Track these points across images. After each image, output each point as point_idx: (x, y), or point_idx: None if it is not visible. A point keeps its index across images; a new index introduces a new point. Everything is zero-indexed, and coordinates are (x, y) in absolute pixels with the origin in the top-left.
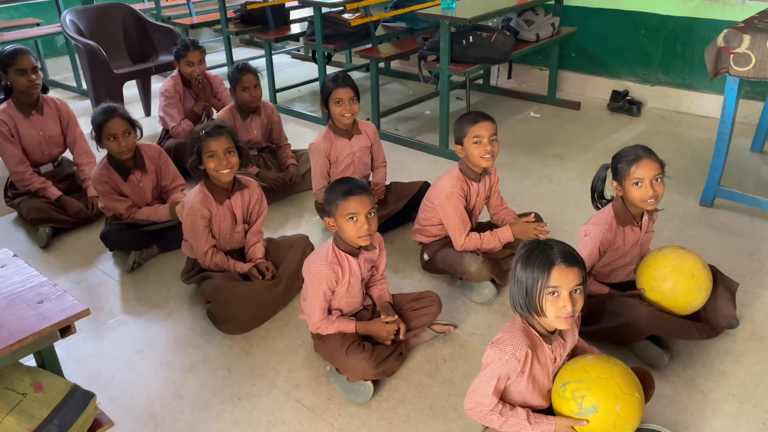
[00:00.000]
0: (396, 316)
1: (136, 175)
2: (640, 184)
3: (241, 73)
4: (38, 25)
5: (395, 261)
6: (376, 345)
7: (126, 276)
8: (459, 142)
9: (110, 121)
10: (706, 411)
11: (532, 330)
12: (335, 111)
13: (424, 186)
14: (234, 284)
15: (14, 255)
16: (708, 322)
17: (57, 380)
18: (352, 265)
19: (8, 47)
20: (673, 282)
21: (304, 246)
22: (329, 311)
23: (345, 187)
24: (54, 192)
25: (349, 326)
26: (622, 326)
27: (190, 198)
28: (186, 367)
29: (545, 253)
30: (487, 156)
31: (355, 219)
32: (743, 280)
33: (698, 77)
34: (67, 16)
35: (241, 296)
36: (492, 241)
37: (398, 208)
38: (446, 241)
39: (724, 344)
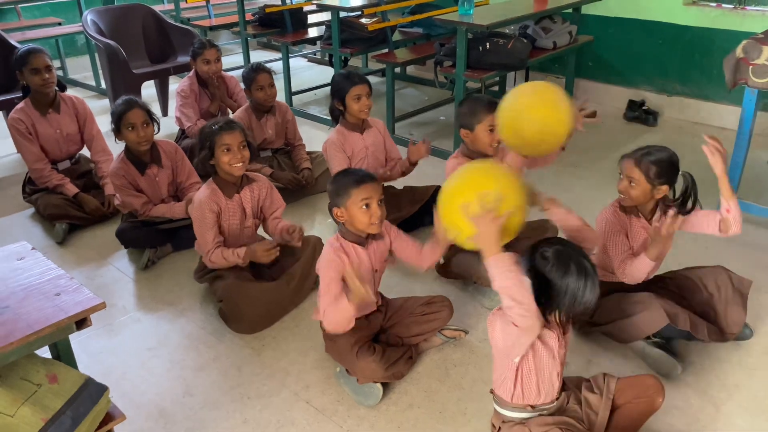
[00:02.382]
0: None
1: (152, 170)
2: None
3: (256, 72)
4: (60, 24)
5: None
6: (387, 347)
7: (140, 273)
8: (469, 126)
9: (130, 111)
10: (717, 424)
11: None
12: (354, 107)
13: (438, 189)
14: (245, 284)
15: (33, 248)
16: (719, 327)
17: (71, 372)
18: (360, 254)
19: (23, 47)
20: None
21: (316, 246)
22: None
23: (355, 176)
24: (71, 189)
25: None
26: (633, 320)
27: (198, 194)
28: (197, 365)
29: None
30: (495, 145)
31: (368, 205)
32: (759, 293)
33: (716, 88)
34: (89, 16)
35: (252, 296)
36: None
37: (412, 212)
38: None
39: (738, 356)
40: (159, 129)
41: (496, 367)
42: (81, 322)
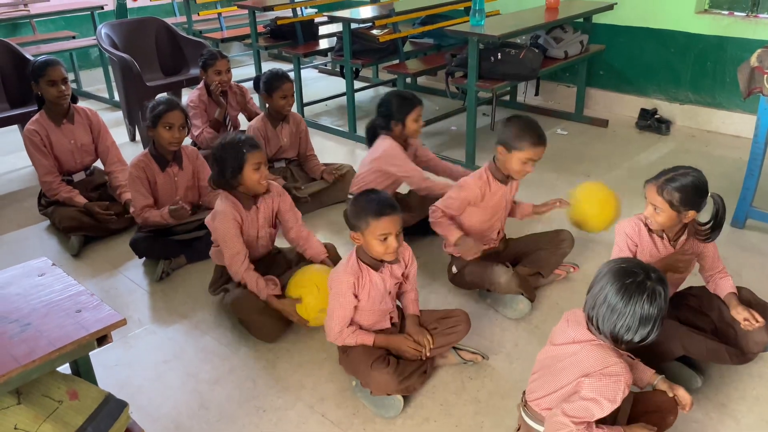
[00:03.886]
0: (426, 336)
1: (173, 169)
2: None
3: (281, 81)
4: (74, 37)
5: (421, 275)
6: (401, 361)
7: (154, 285)
8: (508, 147)
9: (171, 112)
10: None
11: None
12: (413, 127)
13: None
14: (252, 295)
15: (53, 264)
16: (740, 348)
17: (92, 388)
18: (373, 277)
19: (40, 58)
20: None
21: (331, 255)
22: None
23: (376, 206)
24: (80, 200)
25: (368, 338)
26: (653, 346)
27: (220, 206)
28: (212, 378)
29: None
30: (523, 175)
31: (386, 239)
32: None
33: (729, 96)
34: (103, 30)
35: (261, 306)
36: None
37: (422, 215)
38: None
39: (758, 369)
40: (189, 132)
41: (545, 386)
42: (102, 339)
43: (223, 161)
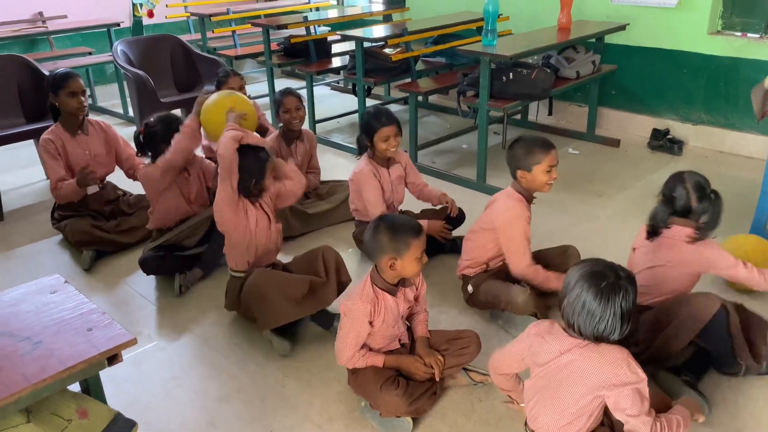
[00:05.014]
0: (437, 357)
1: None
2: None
3: (283, 95)
4: (90, 54)
5: (431, 296)
6: (411, 382)
7: (165, 301)
8: (527, 168)
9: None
10: None
11: None
12: (381, 147)
13: (458, 214)
14: (270, 271)
15: (65, 281)
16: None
17: (101, 407)
18: (389, 302)
19: (59, 70)
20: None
21: (336, 253)
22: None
23: (410, 228)
24: (72, 184)
25: (378, 360)
26: (687, 312)
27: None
28: (221, 396)
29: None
30: (551, 183)
31: (421, 257)
32: None
33: (742, 117)
34: (119, 47)
35: (279, 281)
36: (555, 284)
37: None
38: (492, 273)
39: None
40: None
41: (548, 407)
42: (112, 358)
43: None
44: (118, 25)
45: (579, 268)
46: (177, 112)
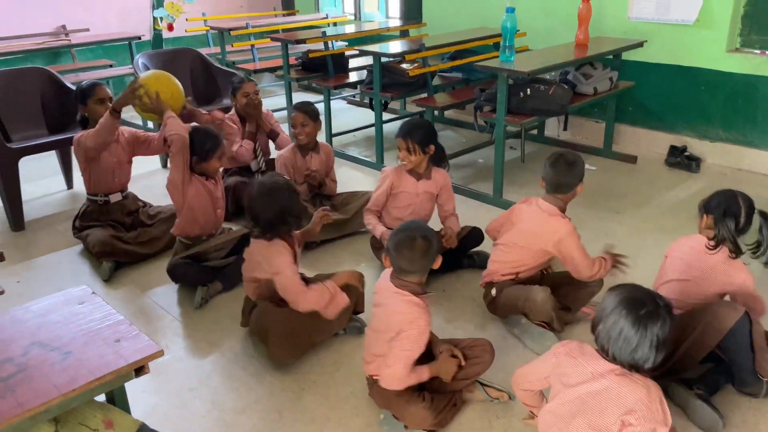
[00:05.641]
0: (454, 349)
1: (210, 182)
2: None
3: (294, 109)
4: (111, 66)
5: (447, 311)
6: (434, 395)
7: (183, 312)
8: (575, 187)
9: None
10: None
11: None
12: (420, 159)
13: (474, 230)
14: (274, 308)
15: (93, 292)
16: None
17: (127, 418)
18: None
19: (84, 82)
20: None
21: (358, 278)
22: None
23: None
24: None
25: (425, 373)
26: (701, 331)
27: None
28: (238, 408)
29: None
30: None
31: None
32: None
33: (761, 135)
34: (140, 60)
35: (281, 318)
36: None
37: (444, 249)
38: (520, 281)
39: None
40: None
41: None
42: (139, 369)
43: (282, 208)
44: (139, 38)
45: (617, 294)
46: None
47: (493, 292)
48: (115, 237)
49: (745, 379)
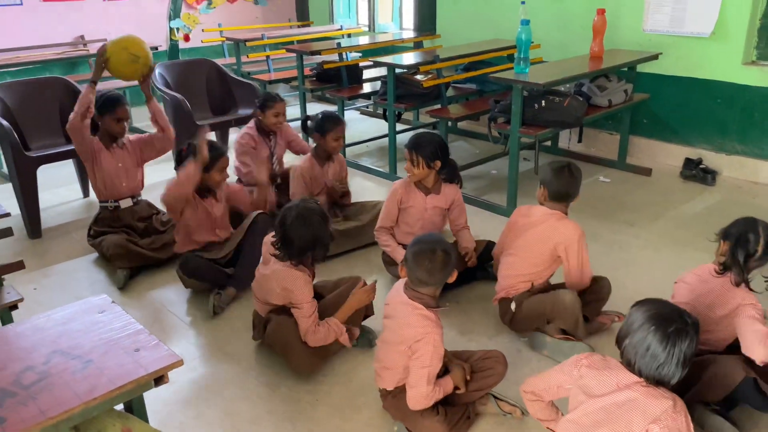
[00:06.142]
0: (462, 365)
1: (209, 201)
2: None
3: (336, 123)
4: None
5: (461, 323)
6: (449, 407)
7: (197, 321)
8: (576, 195)
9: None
10: None
11: None
12: (430, 173)
13: (489, 245)
14: (293, 322)
15: (112, 301)
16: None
17: (146, 427)
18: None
19: (110, 94)
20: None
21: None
22: None
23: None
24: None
25: (449, 386)
26: (704, 386)
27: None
28: (251, 418)
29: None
30: None
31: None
32: None
33: None
34: (157, 70)
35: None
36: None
37: (461, 267)
38: (536, 291)
39: None
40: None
41: None
42: (158, 378)
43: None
44: (156, 48)
45: (645, 310)
46: (211, 134)
47: (513, 306)
48: (129, 241)
49: (760, 407)
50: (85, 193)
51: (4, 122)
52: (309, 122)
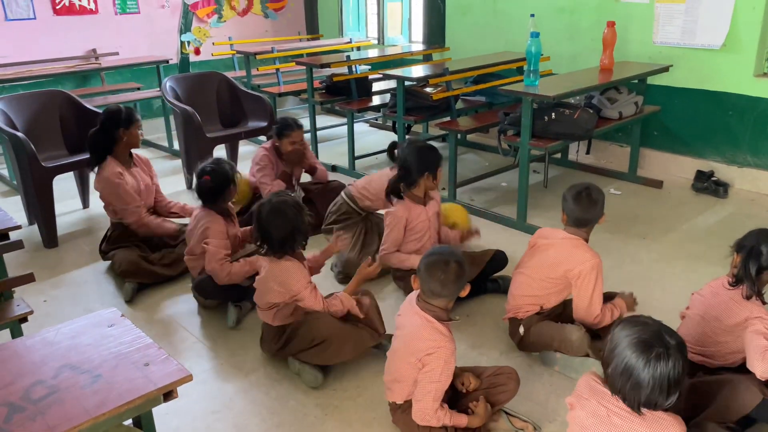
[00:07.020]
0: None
1: (230, 224)
2: None
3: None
4: (139, 89)
5: (472, 336)
6: (459, 430)
7: (206, 334)
8: (597, 219)
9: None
10: None
11: None
12: (428, 184)
13: (497, 254)
14: (322, 315)
15: (122, 315)
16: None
17: None
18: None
19: (122, 107)
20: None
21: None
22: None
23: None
24: (170, 226)
25: (462, 421)
26: (717, 409)
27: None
28: None
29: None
30: None
31: None
32: None
33: None
34: (168, 83)
35: (331, 320)
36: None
37: (470, 277)
38: (545, 315)
39: None
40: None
41: None
42: (167, 394)
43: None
44: (167, 62)
45: (626, 334)
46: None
47: (521, 330)
48: (141, 257)
49: None
50: (85, 204)
51: (21, 134)
52: (396, 150)
